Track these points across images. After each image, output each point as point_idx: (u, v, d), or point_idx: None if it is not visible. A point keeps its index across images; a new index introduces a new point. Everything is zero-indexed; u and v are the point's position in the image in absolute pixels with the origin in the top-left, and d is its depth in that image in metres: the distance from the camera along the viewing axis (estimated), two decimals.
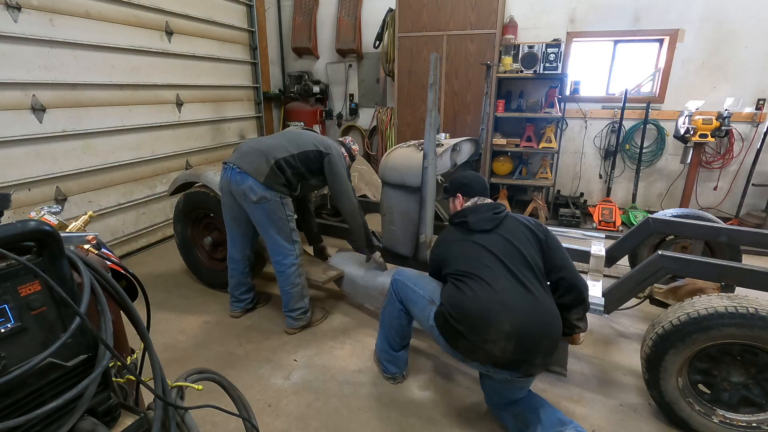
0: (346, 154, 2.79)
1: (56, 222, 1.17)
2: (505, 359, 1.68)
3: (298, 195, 2.65)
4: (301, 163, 2.54)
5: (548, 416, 1.83)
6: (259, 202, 2.43)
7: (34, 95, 3.04)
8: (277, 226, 2.50)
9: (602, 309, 2.26)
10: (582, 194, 5.27)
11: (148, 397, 1.04)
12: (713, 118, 4.14)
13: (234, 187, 2.46)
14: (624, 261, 3.07)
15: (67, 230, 1.19)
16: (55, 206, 1.22)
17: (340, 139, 2.92)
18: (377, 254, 2.82)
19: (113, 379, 0.92)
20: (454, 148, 2.84)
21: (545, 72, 4.61)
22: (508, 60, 4.65)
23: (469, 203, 2.08)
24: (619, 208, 4.82)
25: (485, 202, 2.06)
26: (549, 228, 2.07)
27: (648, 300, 2.61)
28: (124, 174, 3.80)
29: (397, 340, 2.20)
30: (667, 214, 2.91)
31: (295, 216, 2.62)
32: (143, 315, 1.02)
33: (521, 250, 1.85)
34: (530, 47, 4.62)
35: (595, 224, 4.66)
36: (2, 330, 0.72)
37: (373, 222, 2.96)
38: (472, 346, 1.71)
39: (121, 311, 1.01)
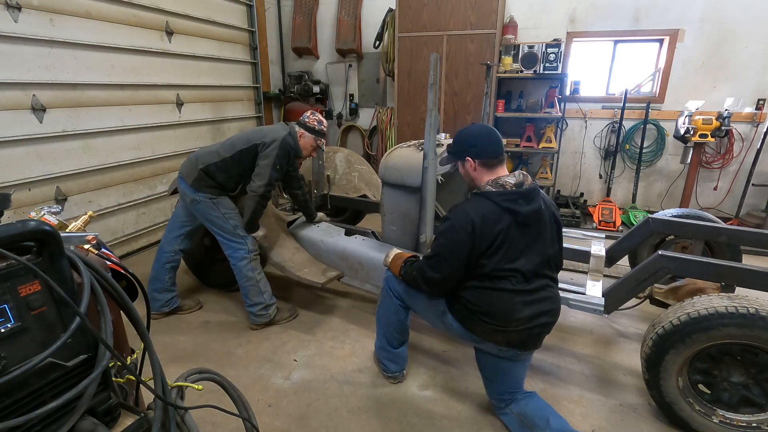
0: (301, 131, 2.63)
1: (56, 222, 1.17)
2: (520, 341, 1.77)
3: (237, 194, 2.65)
4: (235, 164, 2.55)
5: (557, 425, 1.80)
6: (192, 204, 2.58)
7: (34, 95, 3.04)
8: (216, 224, 2.59)
9: (602, 309, 2.26)
10: (582, 194, 5.27)
11: (148, 397, 1.04)
12: (713, 118, 4.14)
13: (178, 189, 2.66)
14: (624, 261, 3.07)
15: (67, 230, 1.19)
16: (55, 206, 1.22)
17: (301, 117, 2.71)
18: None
19: (113, 379, 0.92)
20: None
21: (545, 72, 4.61)
22: (508, 60, 4.65)
23: (512, 178, 1.73)
24: (619, 208, 4.82)
25: (528, 180, 1.76)
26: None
27: (648, 300, 2.61)
28: (124, 174, 3.80)
29: (396, 337, 2.20)
30: (667, 214, 2.91)
31: (235, 211, 2.61)
32: (143, 315, 1.02)
33: (549, 251, 1.81)
34: (530, 47, 4.62)
35: (595, 224, 4.66)
36: (2, 330, 0.72)
37: (374, 222, 2.95)
38: (492, 329, 1.75)
39: (121, 311, 1.01)
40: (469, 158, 1.82)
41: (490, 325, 1.75)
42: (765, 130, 4.28)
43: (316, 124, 2.66)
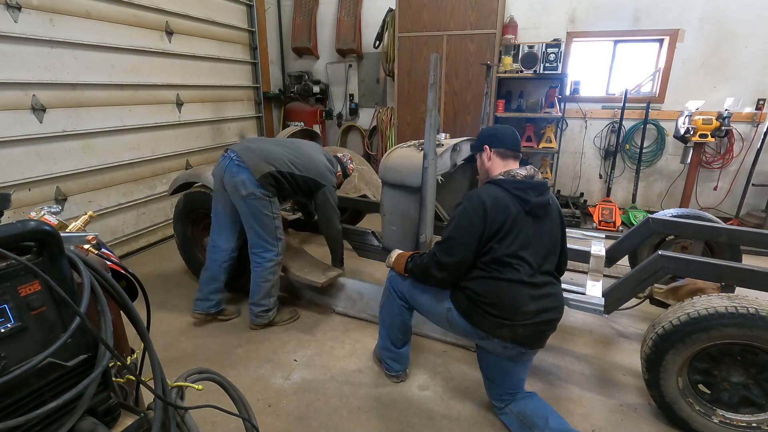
0: (340, 172, 2.91)
1: (56, 222, 1.17)
2: (526, 337, 1.77)
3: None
4: (299, 183, 2.64)
5: (557, 424, 1.80)
6: (247, 197, 2.49)
7: (34, 95, 3.04)
8: (263, 222, 2.57)
9: (602, 309, 2.26)
10: (582, 194, 5.27)
11: (148, 397, 1.04)
12: (713, 118, 4.14)
13: (227, 177, 2.51)
14: (624, 261, 3.07)
15: (67, 230, 1.19)
16: (55, 206, 1.22)
17: (339, 155, 2.99)
18: (339, 272, 2.98)
19: (113, 379, 0.92)
20: (454, 148, 2.83)
21: (545, 72, 4.61)
22: (508, 60, 4.65)
23: (523, 171, 1.83)
24: (619, 208, 4.82)
25: (539, 175, 1.86)
26: None
27: (648, 300, 2.61)
28: (124, 174, 3.80)
29: (399, 337, 2.20)
30: (667, 214, 2.91)
31: (281, 216, 2.67)
32: (143, 315, 1.02)
33: (554, 246, 1.86)
34: (530, 47, 4.62)
35: (595, 224, 4.66)
36: (2, 330, 0.72)
37: (374, 222, 2.96)
38: (499, 323, 1.75)
39: (121, 311, 1.01)
40: (487, 146, 1.95)
41: (496, 319, 1.75)
42: (765, 130, 4.28)
43: (351, 171, 3.10)
